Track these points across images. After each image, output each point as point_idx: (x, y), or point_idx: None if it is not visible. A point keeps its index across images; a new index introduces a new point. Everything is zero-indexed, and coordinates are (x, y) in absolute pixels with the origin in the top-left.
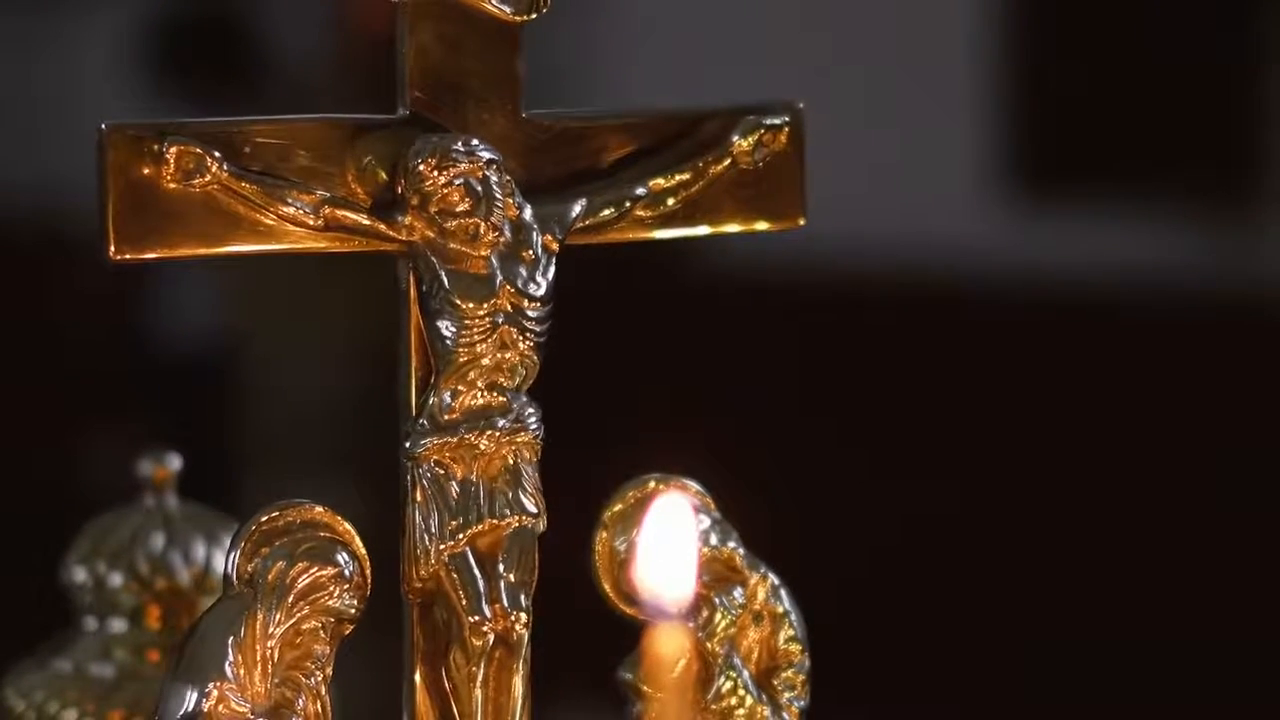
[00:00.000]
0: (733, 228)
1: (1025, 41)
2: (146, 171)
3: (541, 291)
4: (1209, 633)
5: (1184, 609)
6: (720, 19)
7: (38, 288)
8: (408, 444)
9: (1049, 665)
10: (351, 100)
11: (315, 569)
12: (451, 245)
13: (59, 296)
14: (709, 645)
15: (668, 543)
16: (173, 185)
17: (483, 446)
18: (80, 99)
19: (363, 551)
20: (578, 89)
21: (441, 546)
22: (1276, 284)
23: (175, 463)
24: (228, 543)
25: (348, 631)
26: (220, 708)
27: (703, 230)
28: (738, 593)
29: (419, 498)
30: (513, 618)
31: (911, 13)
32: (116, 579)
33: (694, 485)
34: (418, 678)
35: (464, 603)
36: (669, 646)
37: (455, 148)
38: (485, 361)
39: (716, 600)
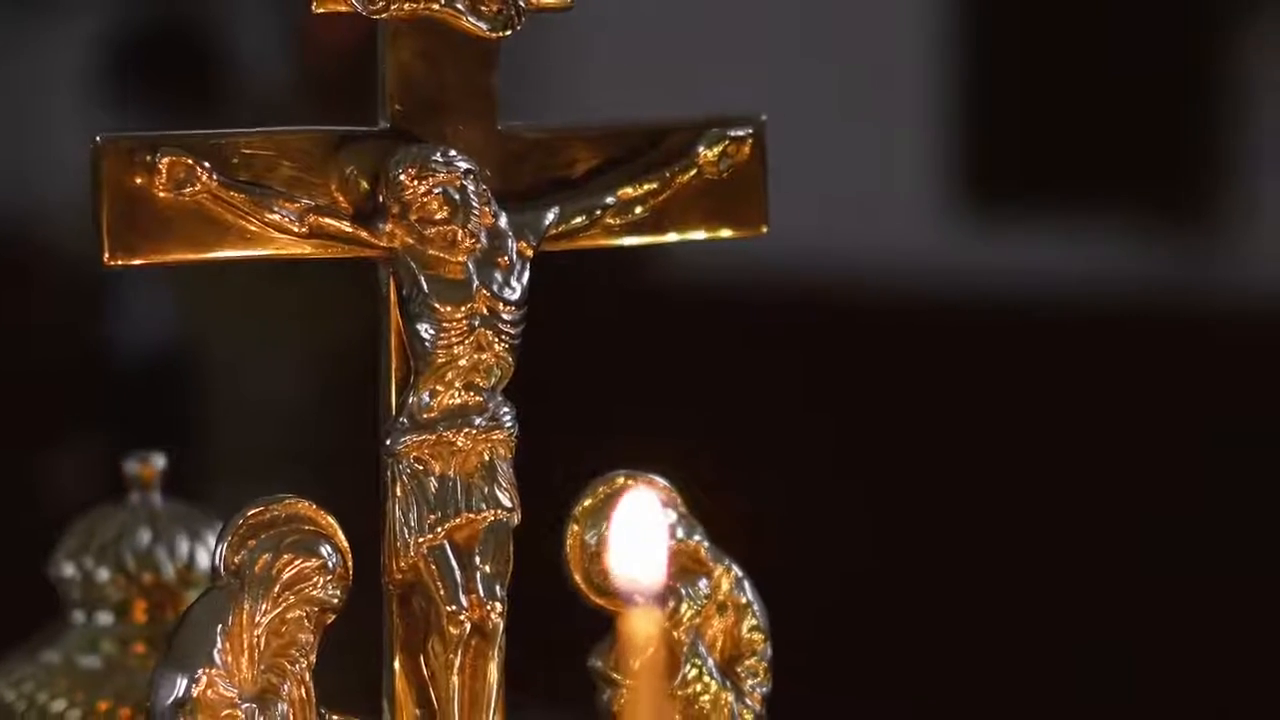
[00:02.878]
0: (698, 235)
1: (978, 53)
2: (139, 181)
3: (516, 295)
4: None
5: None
6: (668, 29)
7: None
8: (388, 441)
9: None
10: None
11: (300, 560)
12: (430, 251)
13: (21, 301)
14: (675, 634)
15: (639, 530)
16: (164, 194)
17: (460, 444)
18: (49, 106)
19: (345, 544)
20: (531, 94)
21: (420, 539)
22: (1228, 292)
23: (160, 462)
24: (210, 538)
25: (330, 621)
26: (209, 693)
27: (670, 237)
28: (703, 584)
29: (399, 493)
30: (488, 607)
31: (863, 24)
32: (104, 574)
33: (661, 481)
34: (397, 665)
35: (442, 593)
36: (641, 632)
37: (434, 158)
38: (462, 363)
39: (682, 591)
